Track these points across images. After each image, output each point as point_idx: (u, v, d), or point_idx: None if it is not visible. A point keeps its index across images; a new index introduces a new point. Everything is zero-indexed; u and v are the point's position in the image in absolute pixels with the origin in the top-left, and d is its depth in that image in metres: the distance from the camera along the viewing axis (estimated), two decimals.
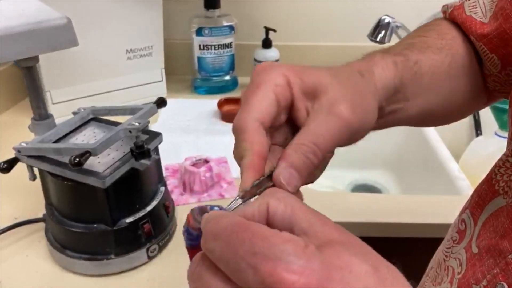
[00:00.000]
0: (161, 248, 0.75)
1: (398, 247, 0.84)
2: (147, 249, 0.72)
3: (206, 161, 0.90)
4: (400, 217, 0.84)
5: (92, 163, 0.67)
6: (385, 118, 0.41)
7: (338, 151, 0.36)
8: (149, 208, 0.72)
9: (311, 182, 0.36)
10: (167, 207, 0.75)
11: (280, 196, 0.28)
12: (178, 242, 0.78)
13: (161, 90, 1.19)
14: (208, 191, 0.88)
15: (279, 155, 0.33)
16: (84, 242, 0.70)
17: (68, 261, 0.71)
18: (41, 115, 0.73)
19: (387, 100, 0.39)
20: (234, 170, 0.94)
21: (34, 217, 0.78)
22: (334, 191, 1.24)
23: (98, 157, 0.69)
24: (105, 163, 0.67)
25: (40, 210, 0.76)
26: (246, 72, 1.27)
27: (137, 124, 0.66)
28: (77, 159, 0.60)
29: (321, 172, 0.37)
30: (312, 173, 0.34)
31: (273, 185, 0.32)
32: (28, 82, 0.69)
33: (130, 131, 0.66)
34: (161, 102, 0.74)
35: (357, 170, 1.31)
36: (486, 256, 0.37)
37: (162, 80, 1.19)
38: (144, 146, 0.67)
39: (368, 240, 0.28)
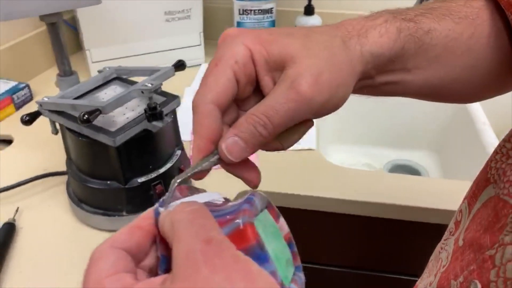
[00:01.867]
0: None
1: (438, 233, 0.80)
2: None
3: None
4: (440, 203, 0.78)
5: (107, 121, 0.68)
6: (378, 88, 0.37)
7: (377, 126, 0.34)
8: (162, 170, 0.72)
9: (278, 149, 0.34)
10: (181, 171, 0.76)
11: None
12: None
13: (199, 54, 1.19)
14: None
15: None
16: (98, 198, 0.72)
17: (84, 215, 0.74)
18: (65, 72, 0.74)
19: (378, 69, 0.35)
20: None
21: (60, 170, 0.81)
22: (371, 170, 1.20)
23: (114, 116, 0.70)
24: (119, 123, 0.68)
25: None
26: None
27: (149, 85, 0.66)
28: (86, 115, 0.61)
29: (296, 139, 0.35)
30: (270, 142, 0.32)
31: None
32: (52, 38, 0.71)
33: (142, 92, 0.66)
34: (179, 65, 0.73)
35: (396, 148, 1.24)
36: (468, 251, 0.33)
37: (200, 44, 1.18)
38: (157, 108, 0.66)
39: (404, 223, 0.25)
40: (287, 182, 0.84)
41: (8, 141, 0.95)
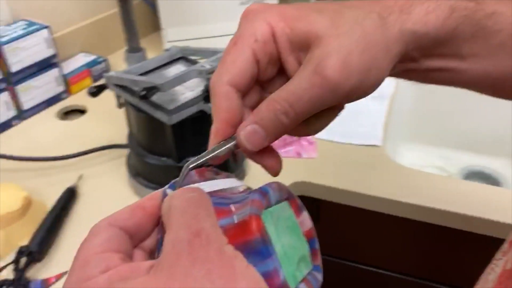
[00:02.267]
0: None
1: None
2: None
3: None
4: None
5: (167, 99, 0.69)
6: (425, 75, 0.33)
7: (455, 127, 0.30)
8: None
9: (303, 135, 0.32)
10: (235, 154, 0.75)
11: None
12: None
13: None
14: (286, 147, 0.85)
15: None
16: (152, 173, 0.74)
17: (139, 188, 0.76)
18: (133, 48, 0.77)
19: (422, 51, 0.31)
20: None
21: (123, 143, 0.84)
22: (445, 175, 1.11)
23: (173, 94, 0.71)
24: (177, 101, 0.69)
25: None
26: None
27: (208, 66, 0.65)
28: (144, 92, 0.62)
29: (324, 125, 0.32)
30: (294, 129, 0.30)
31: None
32: (123, 14, 0.73)
33: (200, 72, 0.66)
34: None
35: (474, 153, 1.15)
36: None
37: None
38: None
39: (471, 235, 0.22)
40: (344, 178, 0.80)
41: (82, 111, 1.00)
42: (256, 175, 0.81)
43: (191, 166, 0.30)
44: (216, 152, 0.30)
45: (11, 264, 0.64)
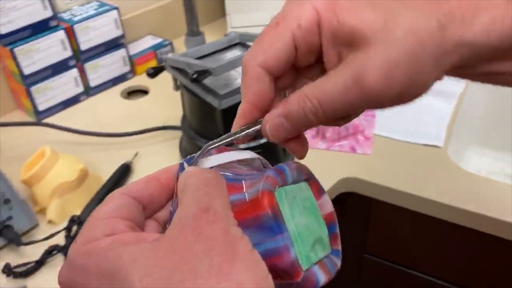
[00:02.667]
0: None
1: None
2: None
3: None
4: None
5: (220, 84, 0.70)
6: (481, 77, 0.30)
7: None
8: (262, 140, 0.72)
9: (331, 125, 0.31)
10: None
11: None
12: None
13: None
14: (341, 141, 0.82)
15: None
16: None
17: None
18: (193, 32, 0.77)
19: (480, 58, 0.28)
20: (380, 126, 0.86)
21: (177, 125, 0.86)
22: None
23: (227, 80, 0.71)
24: (230, 87, 0.69)
25: None
26: None
27: None
28: (195, 75, 0.62)
29: (353, 118, 0.30)
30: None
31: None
32: None
33: None
34: None
35: None
36: None
37: None
38: None
39: None
40: (399, 177, 0.77)
41: (144, 92, 1.03)
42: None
43: (209, 148, 0.29)
44: (238, 135, 0.30)
45: (63, 231, 0.67)
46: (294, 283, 0.25)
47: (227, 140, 0.30)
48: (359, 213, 0.86)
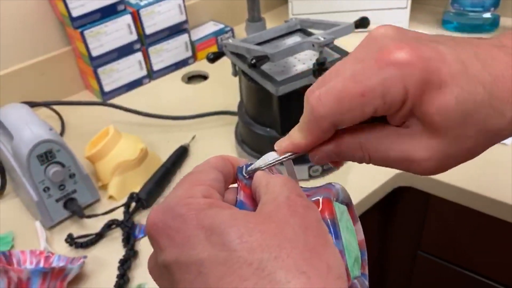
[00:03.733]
0: (324, 172, 0.74)
1: None
2: (309, 168, 0.73)
3: None
4: None
5: (278, 70, 0.69)
6: None
7: None
8: None
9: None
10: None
11: None
12: (344, 172, 0.75)
13: (403, 17, 1.10)
14: None
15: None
16: (256, 142, 0.75)
17: (243, 155, 0.78)
18: (254, 18, 0.78)
19: None
20: None
21: (235, 110, 0.87)
22: None
23: (285, 66, 0.70)
24: (288, 73, 0.69)
25: None
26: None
27: (322, 38, 0.64)
28: (254, 60, 0.63)
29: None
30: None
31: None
32: None
33: (313, 45, 0.64)
34: (361, 23, 0.69)
35: None
36: None
37: (406, 7, 1.08)
38: (325, 63, 0.64)
39: None
40: (460, 173, 0.73)
41: (204, 77, 1.05)
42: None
43: (262, 167, 0.29)
44: (283, 159, 0.30)
45: (122, 206, 0.71)
46: None
47: (270, 164, 0.30)
48: (415, 209, 0.83)
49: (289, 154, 0.29)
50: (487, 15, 1.07)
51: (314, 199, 0.27)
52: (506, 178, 0.72)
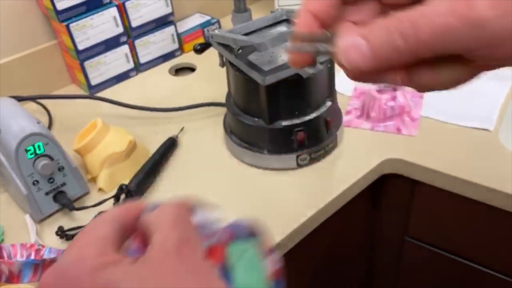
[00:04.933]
0: (312, 160, 0.75)
1: None
2: (297, 156, 0.73)
3: (395, 89, 0.82)
4: None
5: (264, 60, 0.70)
6: None
7: None
8: (307, 117, 0.72)
9: (414, 86, 0.25)
10: (328, 123, 0.74)
11: None
12: (332, 160, 0.76)
13: None
14: (386, 121, 0.81)
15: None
16: (245, 132, 0.76)
17: (231, 145, 0.79)
18: (240, 8, 0.78)
19: None
20: (427, 108, 0.83)
21: (223, 102, 0.87)
22: None
23: (271, 56, 0.71)
24: (274, 63, 0.69)
25: None
26: None
27: None
28: (240, 50, 0.63)
29: (439, 83, 0.25)
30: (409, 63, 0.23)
31: (329, 52, 0.24)
32: None
33: None
34: None
35: None
36: None
37: None
38: None
39: None
40: (445, 160, 0.75)
41: (192, 69, 1.05)
42: (348, 145, 0.79)
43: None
44: (304, 48, 0.25)
45: (112, 198, 0.71)
46: None
47: (293, 48, 0.26)
48: (402, 196, 0.84)
49: (304, 43, 0.25)
50: None
51: (209, 243, 0.28)
52: (490, 163, 0.74)
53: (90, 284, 0.24)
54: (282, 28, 0.77)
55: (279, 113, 0.72)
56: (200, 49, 0.76)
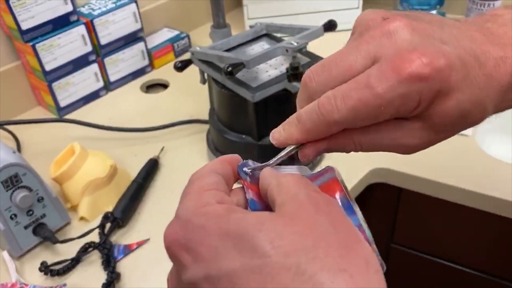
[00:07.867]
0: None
1: None
2: None
3: None
4: None
5: (250, 77, 0.69)
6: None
7: None
8: None
9: (352, 148, 0.30)
10: None
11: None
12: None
13: (355, 18, 1.12)
14: None
15: None
16: (232, 149, 0.74)
17: None
18: (219, 24, 0.76)
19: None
20: None
21: (204, 119, 0.85)
22: None
23: (257, 72, 0.70)
24: (261, 79, 0.68)
25: None
26: (457, 10, 1.10)
27: (295, 43, 0.64)
28: (230, 68, 0.62)
29: (379, 144, 0.29)
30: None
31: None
32: None
33: (287, 50, 0.64)
34: (330, 26, 0.70)
35: None
36: None
37: (358, 8, 1.12)
38: (299, 68, 0.65)
39: None
40: (428, 166, 0.76)
41: (164, 86, 1.03)
42: (335, 158, 0.79)
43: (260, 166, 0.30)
44: (280, 156, 0.30)
45: (97, 228, 0.67)
46: None
47: (274, 160, 0.30)
48: (387, 203, 0.85)
49: (294, 146, 0.29)
50: (433, 12, 1.12)
51: (322, 180, 0.28)
52: (471, 168, 0.76)
53: (220, 230, 0.23)
54: (263, 43, 0.76)
55: (268, 129, 0.70)
56: (181, 67, 0.73)
